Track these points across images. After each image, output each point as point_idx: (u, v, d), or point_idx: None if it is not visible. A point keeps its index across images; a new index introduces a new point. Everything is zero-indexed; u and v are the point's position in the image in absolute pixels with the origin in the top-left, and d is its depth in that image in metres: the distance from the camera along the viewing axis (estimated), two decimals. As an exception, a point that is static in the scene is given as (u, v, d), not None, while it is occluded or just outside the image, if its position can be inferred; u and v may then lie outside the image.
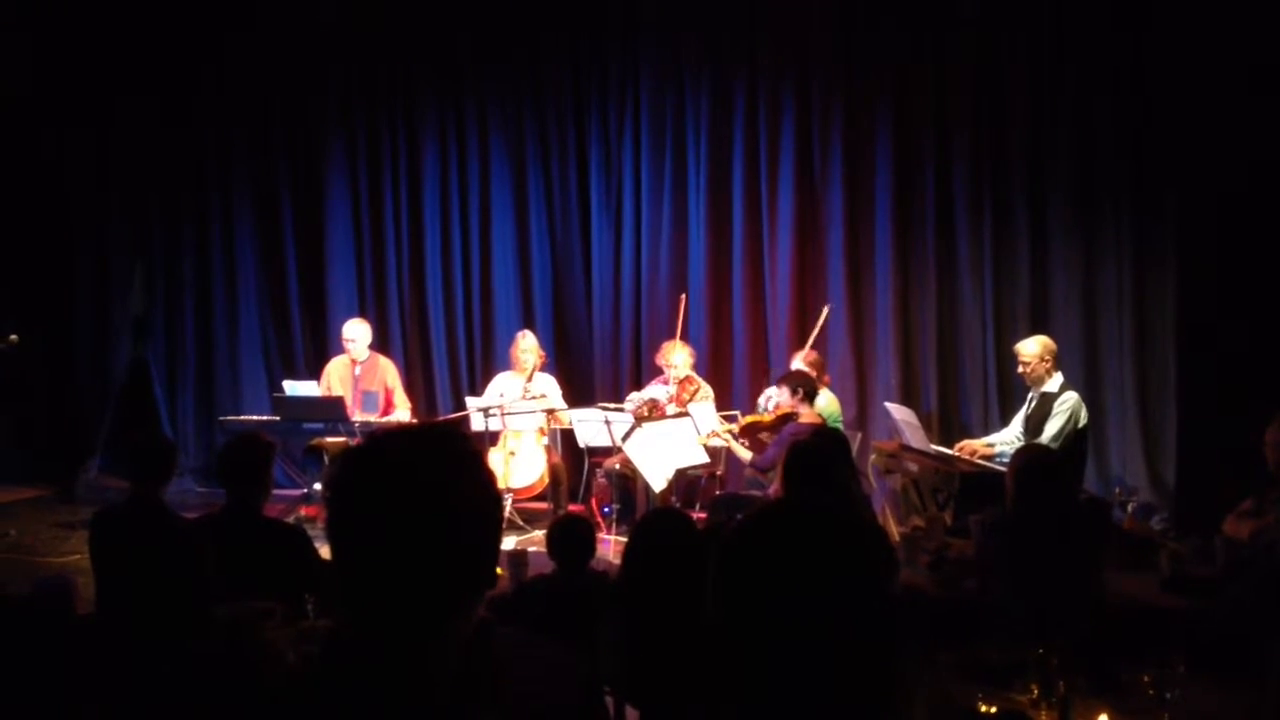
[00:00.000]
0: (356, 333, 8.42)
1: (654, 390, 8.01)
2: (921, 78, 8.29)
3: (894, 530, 6.93)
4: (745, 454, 7.22)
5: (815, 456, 4.63)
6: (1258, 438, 5.15)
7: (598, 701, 1.72)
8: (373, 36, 9.31)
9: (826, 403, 7.44)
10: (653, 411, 7.71)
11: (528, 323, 8.99)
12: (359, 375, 8.40)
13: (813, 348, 7.99)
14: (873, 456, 7.73)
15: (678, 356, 7.90)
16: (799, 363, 7.69)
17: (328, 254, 9.55)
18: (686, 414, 7.38)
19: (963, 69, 8.18)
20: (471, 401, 8.24)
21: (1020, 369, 7.04)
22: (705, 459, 7.35)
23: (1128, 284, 7.85)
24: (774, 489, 6.72)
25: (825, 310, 8.24)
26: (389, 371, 8.49)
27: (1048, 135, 8.01)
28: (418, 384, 9.48)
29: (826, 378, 7.86)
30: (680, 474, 7.36)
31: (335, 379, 8.39)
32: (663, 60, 8.93)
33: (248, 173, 9.65)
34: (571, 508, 7.80)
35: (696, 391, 7.95)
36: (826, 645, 1.39)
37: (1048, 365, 6.91)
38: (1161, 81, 7.56)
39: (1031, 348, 6.97)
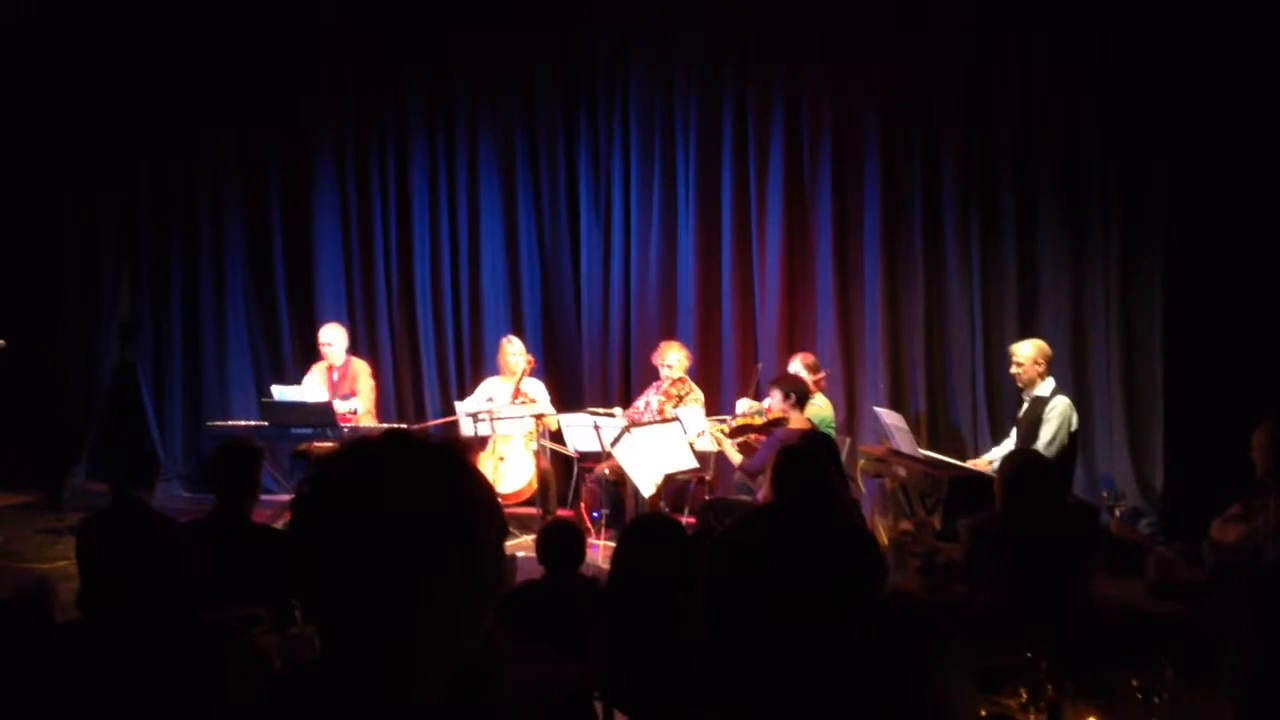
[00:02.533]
0: (333, 337, 8.42)
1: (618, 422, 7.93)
2: (911, 77, 8.28)
3: (883, 535, 6.94)
4: (736, 456, 7.22)
5: (804, 461, 4.63)
6: (1245, 442, 5.17)
7: (586, 707, 1.71)
8: (363, 37, 9.29)
9: (820, 407, 7.44)
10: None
11: (516, 328, 8.98)
12: (337, 381, 8.39)
13: (807, 351, 8.00)
14: (861, 461, 7.73)
15: (673, 356, 7.90)
16: (797, 364, 7.68)
17: (316, 258, 9.53)
18: (676, 419, 7.38)
19: (952, 69, 8.17)
20: (460, 406, 8.24)
21: (1013, 369, 7.04)
22: (694, 464, 7.33)
23: (1115, 287, 7.86)
24: (762, 494, 6.72)
25: (759, 366, 8.31)
26: (359, 375, 8.46)
27: (1036, 136, 8.02)
28: (406, 389, 9.47)
29: (823, 382, 7.85)
30: (669, 479, 7.35)
31: (316, 384, 8.38)
32: (652, 63, 8.93)
33: (237, 175, 9.63)
34: (560, 513, 7.80)
35: (688, 394, 7.95)
36: (813, 650, 1.39)
37: (1040, 369, 6.92)
38: (1153, 83, 7.58)
39: (1027, 350, 6.97)
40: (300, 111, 9.50)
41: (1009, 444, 7.21)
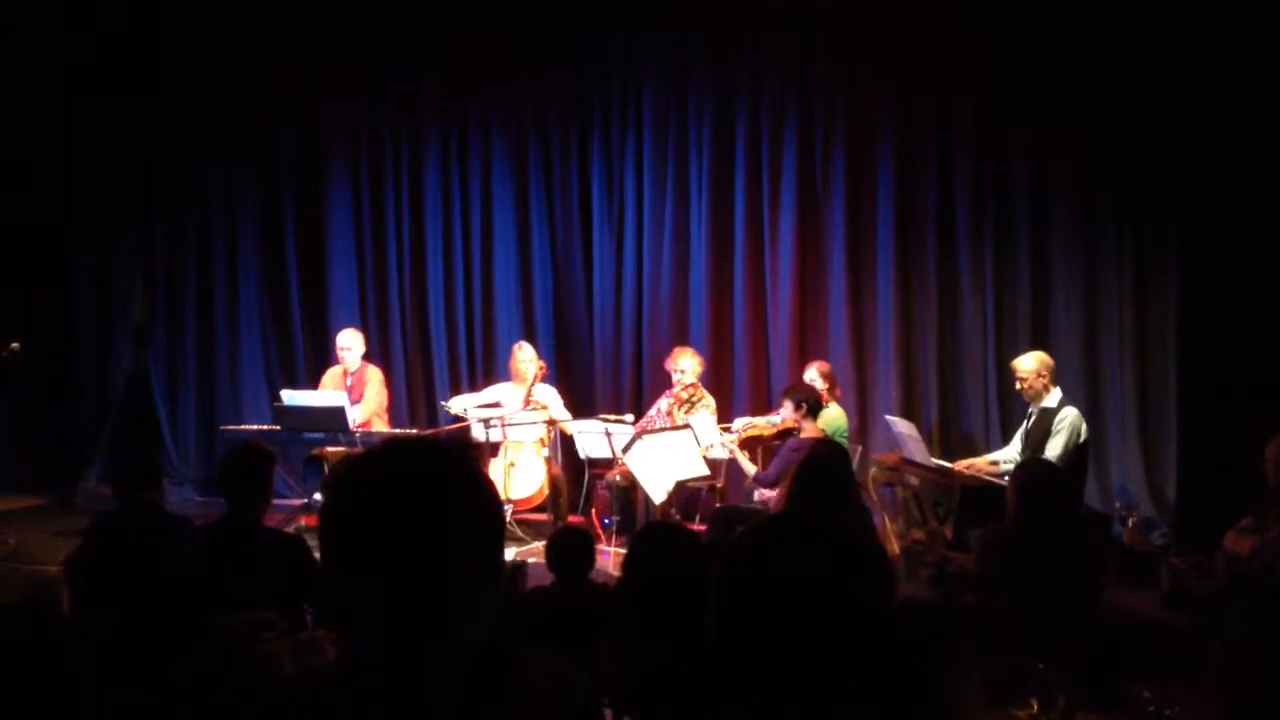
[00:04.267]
0: (352, 341, 8.43)
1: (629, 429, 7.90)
2: (924, 80, 8.28)
3: (894, 544, 6.92)
4: (750, 467, 7.21)
5: (828, 471, 4.64)
6: (1258, 454, 5.15)
7: (596, 715, 1.71)
8: (375, 40, 9.31)
9: (835, 416, 7.42)
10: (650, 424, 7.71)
11: (528, 334, 8.99)
12: (351, 386, 8.40)
13: (822, 359, 7.99)
14: (873, 469, 7.71)
15: (686, 362, 7.89)
16: (813, 372, 7.66)
17: (329, 263, 9.54)
18: (687, 427, 7.37)
19: (965, 70, 8.17)
20: (467, 399, 8.26)
21: (1017, 385, 7.03)
22: (705, 471, 7.33)
23: (1128, 296, 7.84)
24: (774, 503, 6.71)
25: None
26: (370, 382, 8.47)
27: (1050, 140, 8.00)
28: (418, 394, 9.48)
29: (838, 390, 7.82)
30: (680, 486, 7.34)
31: (330, 389, 8.39)
32: (665, 66, 8.93)
33: (250, 179, 9.64)
34: (571, 519, 7.78)
35: (699, 400, 7.94)
36: (825, 658, 1.39)
37: (1045, 381, 6.90)
38: (1167, 87, 7.56)
39: (1028, 364, 6.96)
40: (313, 115, 9.52)
41: (1011, 450, 7.19)
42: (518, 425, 7.89)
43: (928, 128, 8.31)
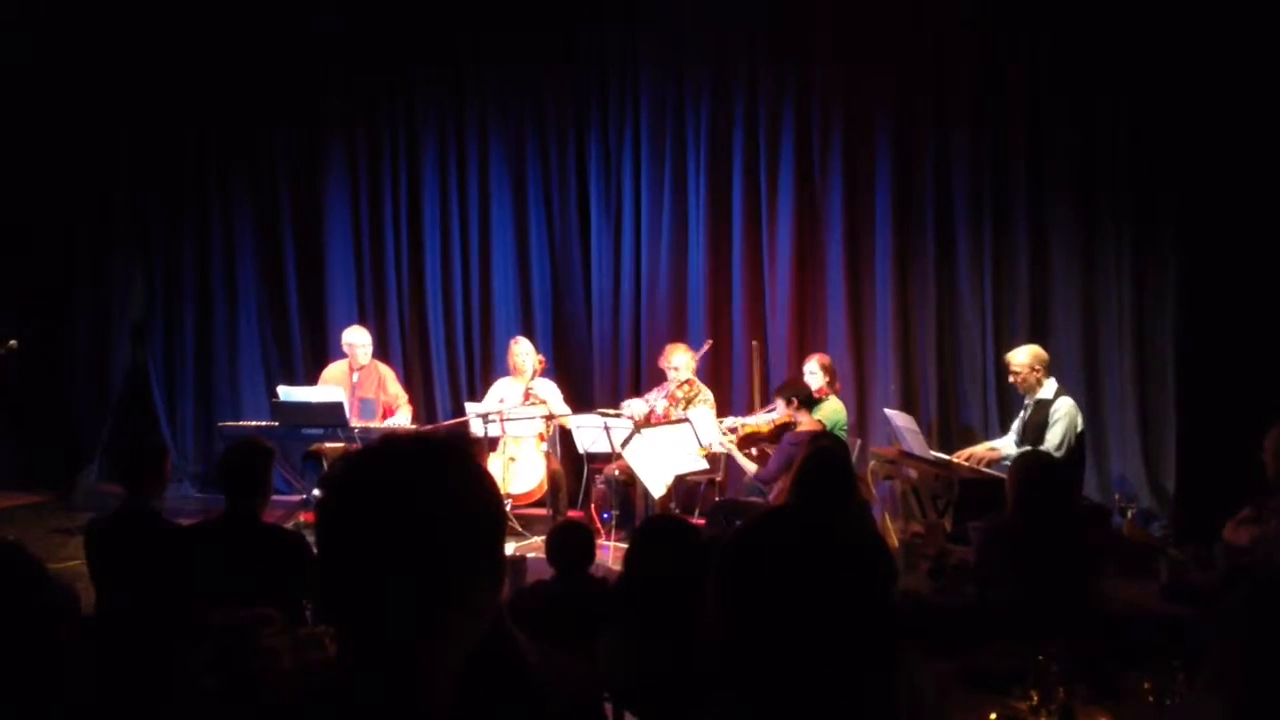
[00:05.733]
0: (363, 338, 8.43)
1: (637, 404, 7.92)
2: (921, 77, 8.28)
3: (893, 537, 6.92)
4: (750, 466, 7.21)
5: (834, 469, 4.65)
6: (1257, 445, 5.15)
7: (597, 709, 1.71)
8: (373, 38, 9.31)
9: (835, 410, 7.42)
10: (649, 420, 7.70)
11: (527, 330, 8.99)
12: (357, 382, 8.38)
13: (823, 353, 7.98)
14: (872, 463, 7.72)
15: (679, 358, 7.88)
16: (813, 365, 7.66)
17: (327, 259, 9.54)
18: (686, 420, 7.37)
19: (963, 69, 8.18)
20: (471, 407, 8.25)
21: (1011, 378, 7.07)
22: (704, 465, 7.34)
23: (1127, 290, 7.85)
24: (774, 496, 6.72)
25: (756, 344, 8.30)
26: (388, 378, 8.49)
27: (1047, 137, 8.01)
28: (417, 391, 9.47)
29: (838, 384, 7.82)
30: (680, 480, 7.35)
31: (331, 386, 8.37)
32: (662, 63, 8.93)
33: (248, 177, 9.64)
34: (571, 514, 7.79)
35: (695, 396, 7.94)
36: (825, 653, 1.39)
37: (1038, 374, 6.94)
38: (1163, 82, 7.55)
39: (1021, 358, 7.01)
40: (311, 112, 9.51)
41: (1011, 438, 7.21)
42: (517, 420, 7.89)
43: (925, 123, 8.31)
